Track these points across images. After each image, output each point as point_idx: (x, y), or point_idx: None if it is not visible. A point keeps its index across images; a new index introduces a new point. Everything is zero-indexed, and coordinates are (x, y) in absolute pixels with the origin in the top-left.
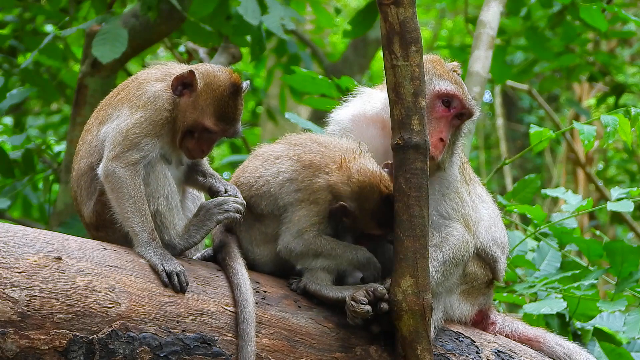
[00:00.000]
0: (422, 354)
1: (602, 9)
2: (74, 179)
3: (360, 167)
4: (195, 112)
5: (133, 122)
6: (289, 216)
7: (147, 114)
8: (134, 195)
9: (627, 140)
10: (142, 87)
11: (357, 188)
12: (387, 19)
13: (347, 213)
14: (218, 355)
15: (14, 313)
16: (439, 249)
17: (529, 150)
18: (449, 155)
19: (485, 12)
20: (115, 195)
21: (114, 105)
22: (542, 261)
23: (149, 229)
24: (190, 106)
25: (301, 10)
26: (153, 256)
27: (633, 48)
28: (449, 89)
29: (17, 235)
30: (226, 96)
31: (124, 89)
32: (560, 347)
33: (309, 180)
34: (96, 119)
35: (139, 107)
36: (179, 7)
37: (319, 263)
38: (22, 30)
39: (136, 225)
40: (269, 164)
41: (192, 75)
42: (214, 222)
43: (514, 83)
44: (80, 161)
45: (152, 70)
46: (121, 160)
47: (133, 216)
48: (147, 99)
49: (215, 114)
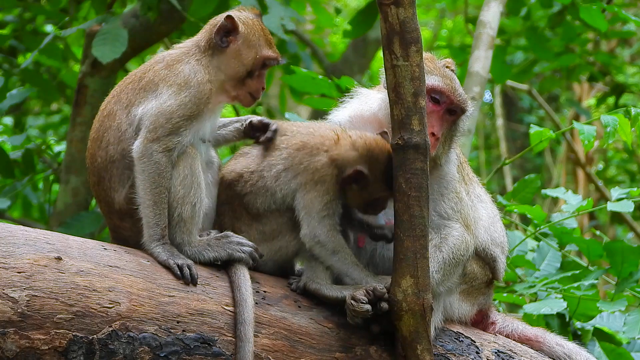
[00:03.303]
0: (422, 354)
1: (602, 9)
2: (100, 165)
3: (357, 134)
4: (251, 51)
5: (178, 104)
6: (299, 204)
7: (191, 92)
8: (162, 184)
9: (627, 140)
10: (174, 66)
11: (366, 151)
12: (387, 19)
13: (361, 177)
14: (218, 355)
15: (14, 313)
16: (438, 249)
17: (529, 150)
18: (445, 151)
19: (485, 12)
20: (146, 178)
21: (143, 87)
22: (542, 261)
23: (163, 225)
24: (243, 47)
25: (301, 10)
26: (161, 252)
27: (633, 48)
28: (436, 84)
29: (17, 235)
30: (262, 25)
31: (147, 71)
32: (560, 347)
33: (307, 161)
34: (118, 103)
35: (180, 86)
36: (179, 7)
37: (332, 260)
38: (22, 30)
39: (152, 218)
40: (259, 159)
41: (232, 20)
42: (227, 254)
43: (514, 83)
44: (108, 147)
45: (171, 51)
46: (161, 143)
47: (153, 206)
48: (187, 75)
49: (267, 44)
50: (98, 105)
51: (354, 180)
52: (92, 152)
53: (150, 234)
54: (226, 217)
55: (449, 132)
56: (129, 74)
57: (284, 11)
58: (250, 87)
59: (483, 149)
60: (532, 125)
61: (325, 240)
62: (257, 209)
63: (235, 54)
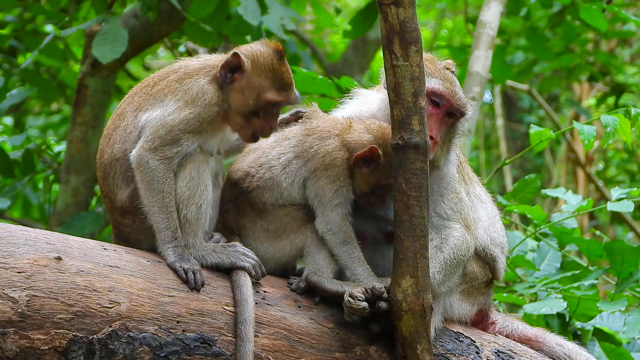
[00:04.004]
0: (422, 354)
1: (602, 9)
2: (106, 162)
3: (369, 120)
4: (253, 92)
5: (181, 119)
6: (311, 193)
7: (196, 110)
8: (164, 190)
9: (627, 140)
10: (185, 81)
11: (380, 134)
12: (387, 19)
13: (375, 158)
14: (218, 355)
15: (14, 313)
16: (439, 249)
17: (529, 150)
18: (444, 153)
19: (485, 12)
20: (145, 186)
21: (153, 94)
22: (542, 261)
23: (173, 227)
24: (246, 87)
25: (301, 10)
26: (171, 255)
27: (633, 48)
28: (436, 87)
29: (17, 235)
30: (276, 64)
31: (161, 79)
32: (560, 347)
33: (317, 145)
34: (130, 104)
35: (187, 103)
36: (179, 7)
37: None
38: (22, 30)
39: (161, 222)
40: (268, 151)
41: (238, 58)
42: (231, 262)
43: (514, 83)
44: (114, 146)
45: (190, 62)
46: (157, 152)
47: (159, 212)
48: (195, 94)
49: (274, 85)
50: (98, 105)
51: (367, 162)
52: (101, 147)
53: (160, 238)
54: (230, 215)
55: (447, 135)
56: (149, 76)
57: (284, 11)
58: (255, 126)
59: (483, 149)
60: (532, 125)
61: (337, 229)
62: (264, 204)
63: (240, 91)
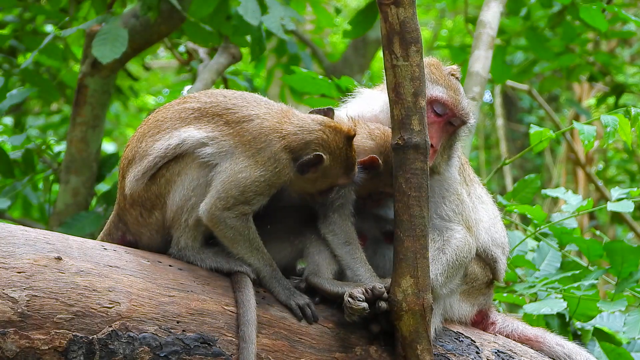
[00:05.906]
0: (422, 354)
1: (602, 9)
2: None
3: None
4: (326, 180)
5: (252, 180)
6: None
7: (266, 175)
8: (250, 238)
9: (627, 140)
10: (259, 136)
11: (383, 140)
12: (387, 19)
13: (375, 167)
14: (218, 355)
15: (14, 313)
16: (442, 251)
17: (529, 150)
18: (445, 160)
19: (485, 12)
20: (230, 242)
21: (207, 119)
22: (542, 261)
23: (269, 262)
24: (320, 177)
25: (301, 10)
26: (281, 292)
27: (633, 48)
28: (440, 95)
29: (17, 235)
30: (348, 151)
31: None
32: (560, 347)
33: None
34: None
35: (258, 163)
36: (179, 7)
37: (343, 251)
38: (22, 30)
39: (256, 263)
40: None
41: (320, 158)
42: (229, 267)
43: (514, 83)
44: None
45: (265, 119)
46: (232, 211)
47: (251, 256)
48: (267, 158)
49: (345, 171)
50: (98, 105)
51: (367, 168)
52: (142, 132)
53: (263, 277)
54: None
55: (448, 142)
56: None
57: (284, 11)
58: (315, 200)
59: (483, 149)
60: (532, 125)
61: (339, 230)
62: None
63: (312, 179)
